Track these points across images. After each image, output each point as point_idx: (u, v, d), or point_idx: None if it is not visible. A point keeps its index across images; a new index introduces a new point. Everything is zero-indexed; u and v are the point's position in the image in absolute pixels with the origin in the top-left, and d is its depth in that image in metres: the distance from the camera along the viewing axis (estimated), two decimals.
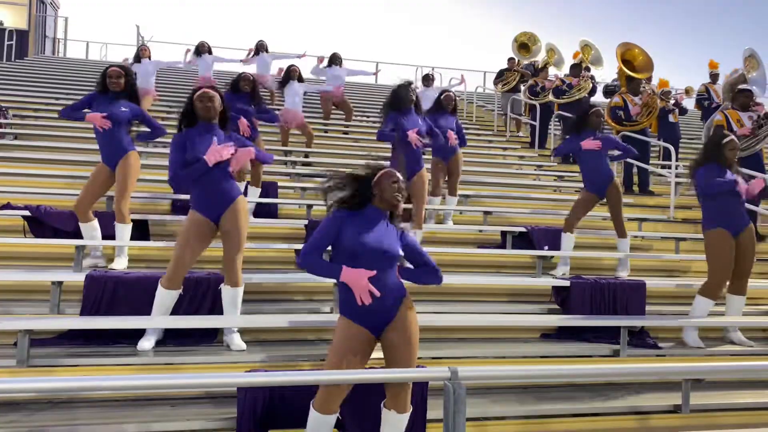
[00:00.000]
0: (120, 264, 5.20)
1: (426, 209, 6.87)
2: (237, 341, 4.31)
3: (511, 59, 13.52)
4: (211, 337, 4.45)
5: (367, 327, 3.14)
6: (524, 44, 13.35)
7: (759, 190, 5.22)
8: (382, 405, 3.23)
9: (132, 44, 11.70)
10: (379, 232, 3.17)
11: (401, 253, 3.21)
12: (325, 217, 3.23)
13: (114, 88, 5.23)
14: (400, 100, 6.00)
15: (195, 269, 4.59)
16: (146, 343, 4.18)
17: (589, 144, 6.09)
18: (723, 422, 4.10)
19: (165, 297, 4.18)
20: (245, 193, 6.81)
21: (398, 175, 3.26)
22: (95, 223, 5.36)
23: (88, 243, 5.24)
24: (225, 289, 4.29)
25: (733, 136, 5.35)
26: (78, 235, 5.35)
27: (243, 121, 6.46)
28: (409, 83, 6.09)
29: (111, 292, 4.33)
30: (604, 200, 6.35)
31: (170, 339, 4.35)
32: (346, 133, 11.36)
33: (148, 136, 5.57)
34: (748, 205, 7.58)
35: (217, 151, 4.11)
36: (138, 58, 10.45)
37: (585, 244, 6.83)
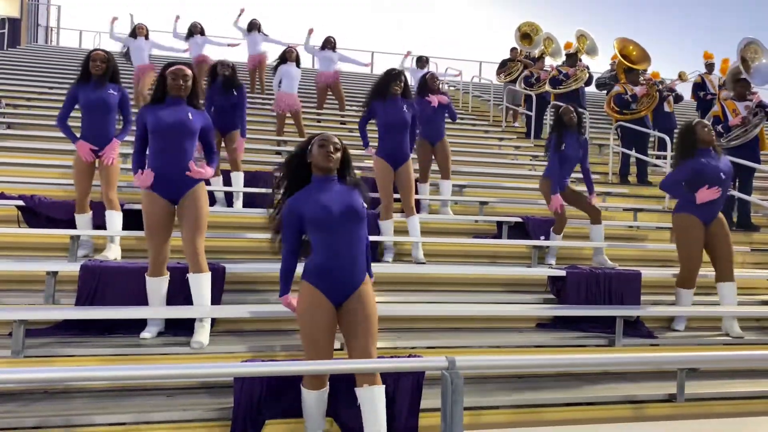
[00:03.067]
0: (113, 253, 5.17)
1: (419, 198, 6.86)
2: (198, 336, 4.09)
3: (513, 49, 13.48)
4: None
5: (327, 294, 3.21)
6: (527, 34, 13.31)
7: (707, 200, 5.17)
8: (355, 390, 3.21)
9: (126, 33, 11.62)
10: (333, 195, 3.24)
11: (364, 205, 3.26)
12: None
13: (97, 71, 5.14)
14: (381, 89, 5.89)
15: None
16: (147, 333, 4.18)
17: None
18: (717, 411, 4.12)
19: (150, 284, 4.19)
20: (229, 183, 6.81)
21: (330, 138, 3.30)
22: (90, 215, 5.36)
23: (84, 233, 5.21)
24: (189, 277, 4.18)
25: (700, 119, 5.43)
26: (72, 224, 5.33)
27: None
28: (398, 72, 5.94)
29: (106, 283, 4.31)
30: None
31: (168, 329, 4.34)
32: (343, 123, 11.29)
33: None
34: (741, 194, 7.66)
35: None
36: (134, 35, 10.35)
37: (580, 234, 6.84)
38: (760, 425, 3.50)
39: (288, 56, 9.33)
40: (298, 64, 9.40)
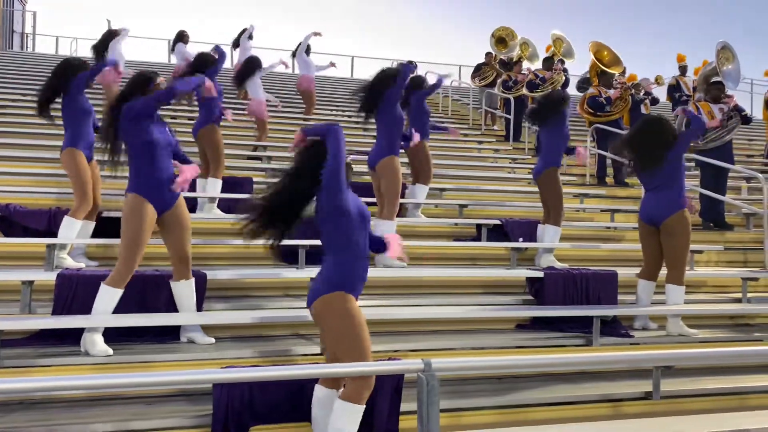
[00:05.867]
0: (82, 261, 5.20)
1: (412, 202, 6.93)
2: (202, 337, 4.30)
3: (488, 53, 13.59)
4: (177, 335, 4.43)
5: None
6: (502, 39, 13.42)
7: None
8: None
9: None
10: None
11: None
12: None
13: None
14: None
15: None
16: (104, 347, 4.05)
17: None
18: (692, 408, 4.20)
19: (116, 296, 4.04)
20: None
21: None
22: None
23: (59, 242, 5.14)
24: (182, 284, 4.22)
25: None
26: (49, 233, 5.27)
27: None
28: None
29: (83, 291, 4.27)
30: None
31: (148, 337, 4.32)
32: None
33: None
34: (715, 194, 7.80)
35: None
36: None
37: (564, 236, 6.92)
38: (733, 420, 3.58)
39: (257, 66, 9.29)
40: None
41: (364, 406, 3.13)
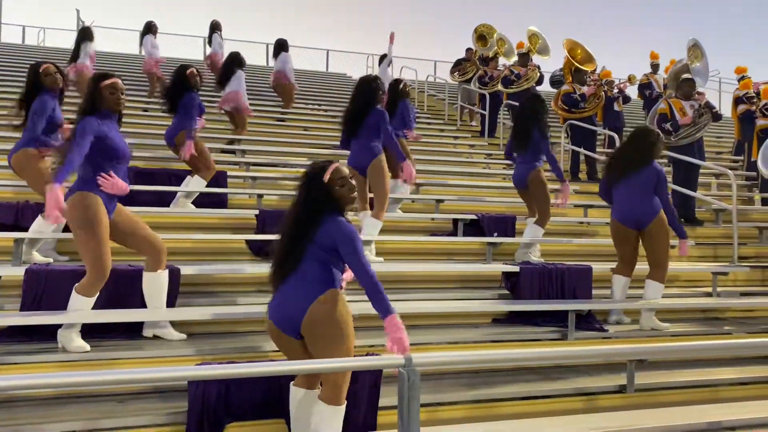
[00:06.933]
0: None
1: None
2: (173, 333, 4.23)
3: (469, 49, 13.63)
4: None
5: None
6: (483, 36, 13.46)
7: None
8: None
9: (72, 29, 11.24)
10: None
11: None
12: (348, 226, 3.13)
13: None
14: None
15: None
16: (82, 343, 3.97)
17: None
18: (666, 400, 4.25)
19: (90, 304, 3.90)
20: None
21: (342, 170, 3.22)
22: None
23: (27, 236, 5.01)
24: (155, 275, 4.12)
25: (660, 133, 5.60)
26: (16, 227, 5.12)
27: None
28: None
29: (52, 287, 4.16)
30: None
31: (118, 333, 4.22)
32: (282, 120, 11.16)
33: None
34: (686, 190, 7.92)
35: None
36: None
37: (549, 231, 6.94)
38: (706, 413, 3.64)
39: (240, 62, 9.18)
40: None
41: (345, 403, 3.11)
